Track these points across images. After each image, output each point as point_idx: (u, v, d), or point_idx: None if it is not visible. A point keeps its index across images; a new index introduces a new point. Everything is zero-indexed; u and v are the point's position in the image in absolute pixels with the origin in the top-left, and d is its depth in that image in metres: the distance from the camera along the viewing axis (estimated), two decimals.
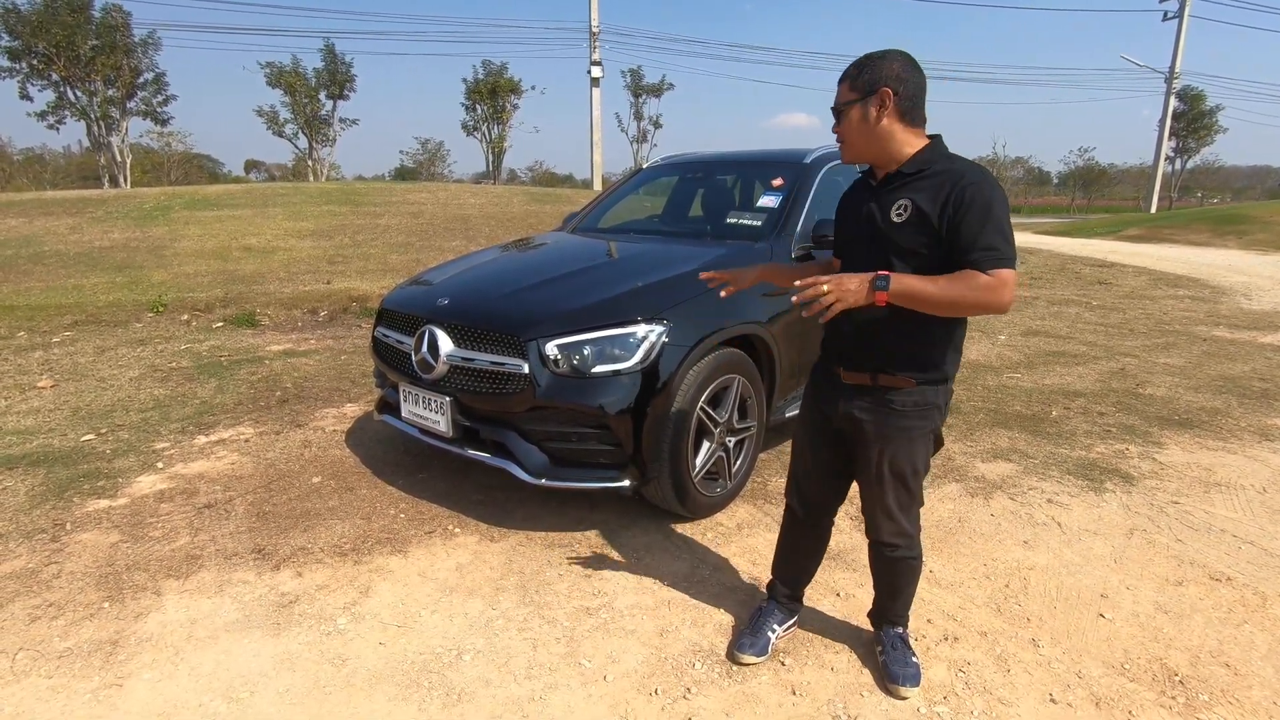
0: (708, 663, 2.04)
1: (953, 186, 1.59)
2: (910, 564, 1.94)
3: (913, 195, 1.64)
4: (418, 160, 48.88)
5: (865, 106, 1.66)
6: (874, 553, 1.98)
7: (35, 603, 2.29)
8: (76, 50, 23.99)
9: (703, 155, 4.49)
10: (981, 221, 1.55)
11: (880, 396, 1.76)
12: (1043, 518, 2.95)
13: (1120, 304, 8.52)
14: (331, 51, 31.09)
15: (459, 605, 2.30)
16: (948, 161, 1.66)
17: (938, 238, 1.61)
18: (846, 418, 1.82)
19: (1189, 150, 42.25)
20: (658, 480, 2.64)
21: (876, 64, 1.65)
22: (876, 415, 1.77)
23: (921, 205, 1.62)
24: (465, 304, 2.87)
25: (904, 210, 1.65)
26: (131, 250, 9.15)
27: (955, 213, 1.57)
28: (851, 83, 1.68)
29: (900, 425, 1.76)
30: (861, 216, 1.76)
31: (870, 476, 1.84)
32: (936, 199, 1.60)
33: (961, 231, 1.57)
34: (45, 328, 6.10)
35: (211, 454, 3.51)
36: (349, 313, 6.99)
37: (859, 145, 1.72)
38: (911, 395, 1.75)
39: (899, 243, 1.65)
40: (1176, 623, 2.25)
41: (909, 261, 1.64)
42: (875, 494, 1.85)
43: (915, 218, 1.63)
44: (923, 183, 1.65)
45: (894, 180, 1.70)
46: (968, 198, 1.57)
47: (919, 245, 1.63)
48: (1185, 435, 3.95)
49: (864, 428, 1.79)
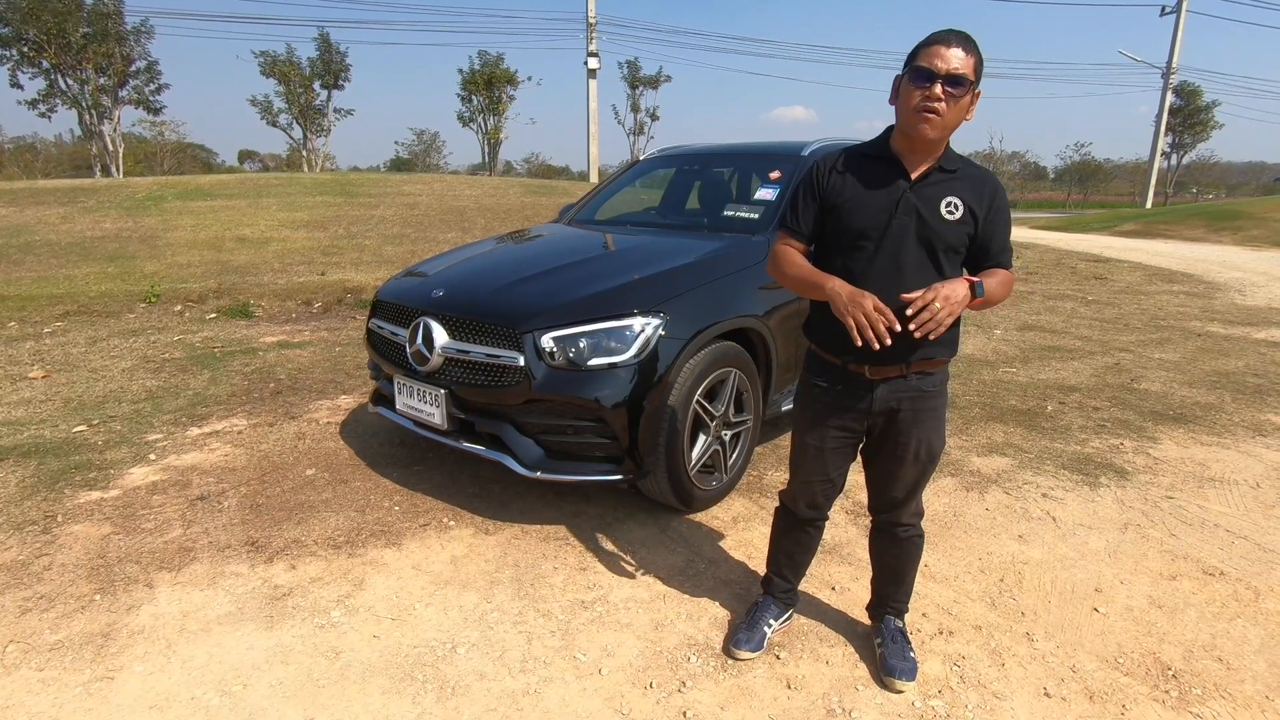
0: (703, 656, 2.04)
1: (992, 191, 1.69)
2: (918, 543, 1.99)
3: (959, 195, 1.66)
4: (413, 151, 48.61)
5: (973, 95, 1.60)
6: (884, 536, 1.98)
7: (26, 595, 2.27)
8: (68, 38, 23.70)
9: (700, 147, 4.47)
10: (1008, 225, 1.73)
11: (913, 384, 1.75)
12: (1038, 512, 2.95)
13: (1115, 299, 8.54)
14: (326, 40, 30.82)
15: (454, 598, 2.30)
16: (969, 164, 1.72)
17: (973, 237, 1.69)
18: (882, 414, 1.78)
19: (1185, 146, 42.30)
20: (654, 474, 2.63)
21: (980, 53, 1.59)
22: (910, 402, 1.76)
23: (970, 205, 1.66)
24: (460, 296, 2.85)
25: (955, 209, 1.66)
26: (124, 240, 9.08)
27: (993, 215, 1.69)
28: (978, 62, 1.57)
29: (930, 406, 1.78)
30: (895, 207, 1.65)
31: (905, 463, 1.82)
32: (980, 200, 1.67)
33: (995, 233, 1.70)
34: (36, 318, 6.05)
35: (204, 446, 3.49)
36: (343, 304, 6.95)
37: (950, 127, 1.61)
38: (940, 374, 1.78)
39: (948, 240, 1.66)
40: (1170, 617, 2.26)
41: (951, 258, 1.68)
42: (906, 478, 1.85)
43: (966, 217, 1.66)
44: (960, 183, 1.67)
45: (935, 176, 1.67)
46: (1001, 202, 1.70)
47: (962, 243, 1.69)
48: (1179, 430, 3.96)
49: (899, 418, 1.78)
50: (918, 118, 1.58)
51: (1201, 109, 39.82)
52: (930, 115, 1.56)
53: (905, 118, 1.62)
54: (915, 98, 1.57)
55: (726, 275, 2.95)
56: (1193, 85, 39.06)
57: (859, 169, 1.73)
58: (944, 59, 1.54)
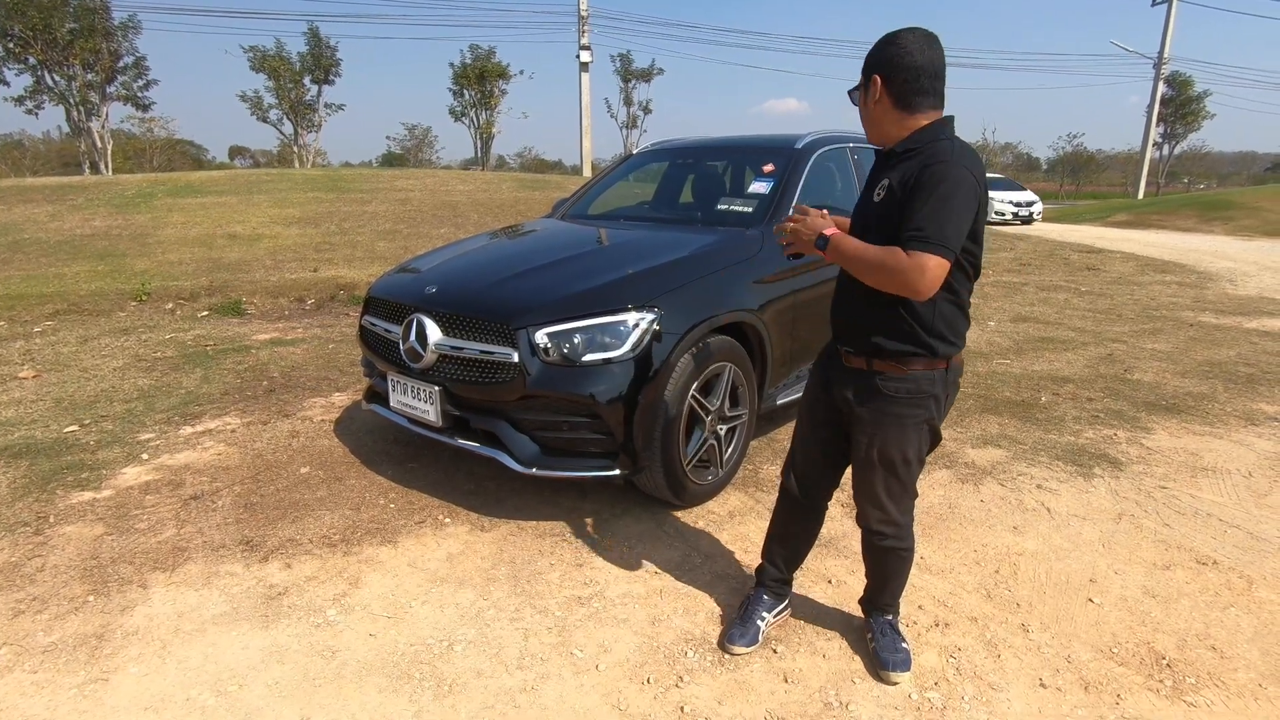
0: (700, 651, 2.04)
1: (921, 167, 1.57)
2: (899, 554, 1.93)
3: (891, 175, 1.66)
4: (405, 146, 48.36)
5: (865, 91, 1.71)
6: (864, 541, 1.98)
7: (18, 596, 2.26)
8: (54, 33, 23.44)
9: (693, 141, 4.45)
10: (923, 202, 1.52)
11: (873, 381, 1.75)
12: (1032, 503, 2.97)
13: (1108, 290, 8.57)
14: (316, 35, 30.58)
15: (450, 596, 2.29)
16: (935, 144, 1.61)
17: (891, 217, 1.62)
18: (843, 400, 1.82)
19: (1177, 136, 42.44)
20: (649, 469, 2.63)
21: (877, 49, 1.68)
22: (869, 400, 1.77)
23: (893, 184, 1.64)
24: (454, 292, 2.84)
25: (882, 190, 1.67)
26: (113, 238, 9.00)
27: (909, 191, 1.57)
28: (863, 67, 1.72)
29: (892, 411, 1.75)
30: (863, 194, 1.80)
31: (860, 462, 1.83)
32: (905, 179, 1.60)
33: (904, 209, 1.56)
34: (26, 317, 6.00)
35: (198, 445, 3.47)
36: (336, 301, 6.92)
37: (866, 126, 1.76)
38: (904, 382, 1.73)
39: (871, 221, 1.70)
40: (1164, 606, 2.27)
41: (879, 239, 1.63)
42: (865, 480, 1.85)
43: (889, 197, 1.65)
44: (905, 163, 1.64)
45: (887, 160, 1.71)
46: (925, 177, 1.54)
47: (889, 224, 1.61)
48: (1172, 420, 3.98)
49: (856, 412, 1.79)
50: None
51: (1193, 99, 39.92)
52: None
53: None
54: None
55: (721, 269, 2.94)
56: (1184, 75, 39.17)
57: None
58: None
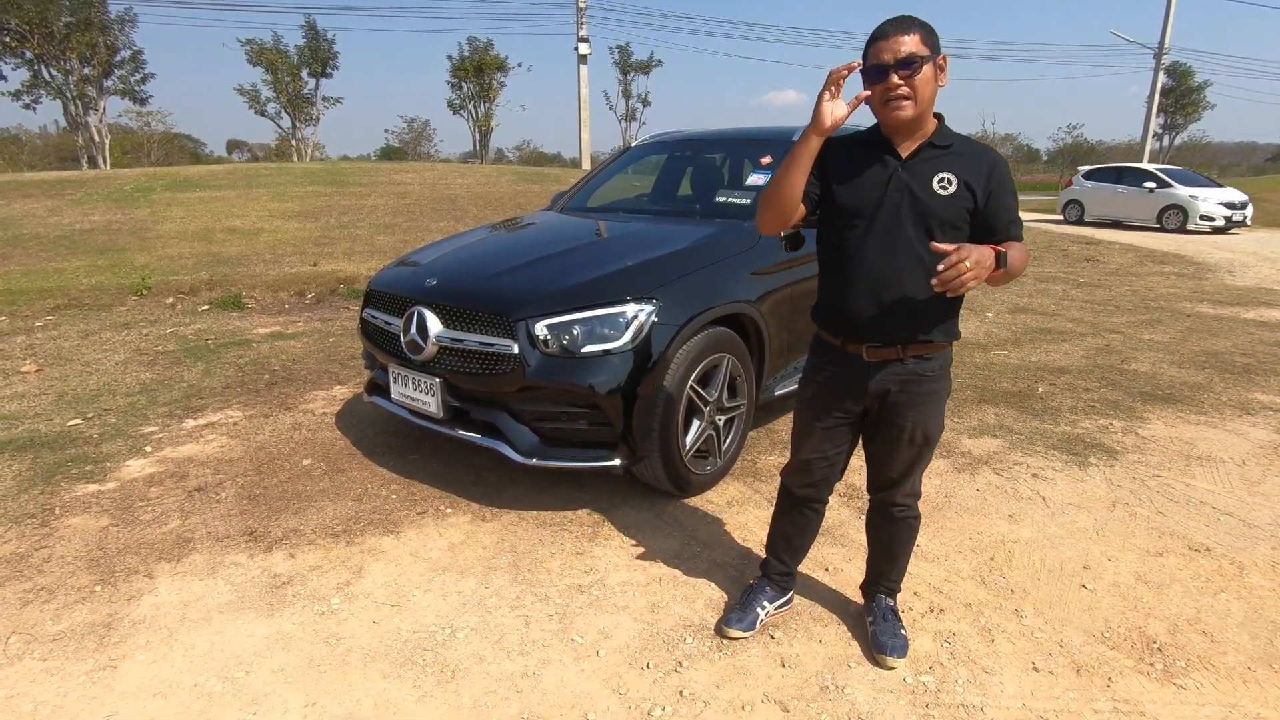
0: (698, 637, 2.07)
1: (991, 164, 1.68)
2: (913, 524, 2.01)
3: (953, 170, 1.67)
4: (404, 140, 48.20)
5: (935, 65, 1.62)
6: (879, 516, 2.01)
7: (26, 587, 2.29)
8: (50, 27, 23.33)
9: (691, 133, 4.46)
10: (1013, 196, 1.71)
11: (910, 367, 1.77)
12: (1028, 492, 3.00)
13: (1107, 281, 8.59)
14: (313, 27, 30.41)
15: (452, 584, 2.32)
16: (965, 140, 1.72)
17: (974, 211, 1.68)
18: (876, 395, 1.81)
19: (1177, 127, 42.28)
20: (648, 459, 2.66)
21: (932, 30, 1.63)
22: (908, 386, 1.78)
23: (966, 179, 1.66)
24: (454, 284, 2.86)
25: (949, 183, 1.66)
26: (113, 232, 9.01)
27: (995, 188, 1.67)
28: (923, 36, 1.59)
29: (929, 390, 1.79)
30: (886, 185, 1.68)
31: (900, 444, 1.84)
32: (977, 175, 1.66)
33: (1001, 206, 1.68)
34: (27, 311, 6.02)
35: (200, 437, 3.50)
36: (336, 294, 6.94)
37: (925, 103, 1.62)
38: (937, 359, 1.79)
39: (942, 215, 1.67)
40: (1156, 592, 2.30)
41: (950, 234, 1.67)
42: (901, 460, 1.87)
43: (962, 191, 1.66)
44: (955, 158, 1.68)
45: (926, 152, 1.69)
46: (1002, 174, 1.69)
47: (960, 218, 1.67)
48: (1168, 410, 4.01)
49: (895, 400, 1.79)
50: (887, 108, 1.64)
51: (1193, 89, 39.74)
52: (898, 102, 1.61)
53: (878, 111, 1.69)
54: (877, 93, 1.64)
55: (719, 261, 2.96)
56: (1185, 65, 39.01)
57: (855, 152, 1.77)
58: (888, 50, 1.59)
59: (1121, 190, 16.21)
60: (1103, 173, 17.27)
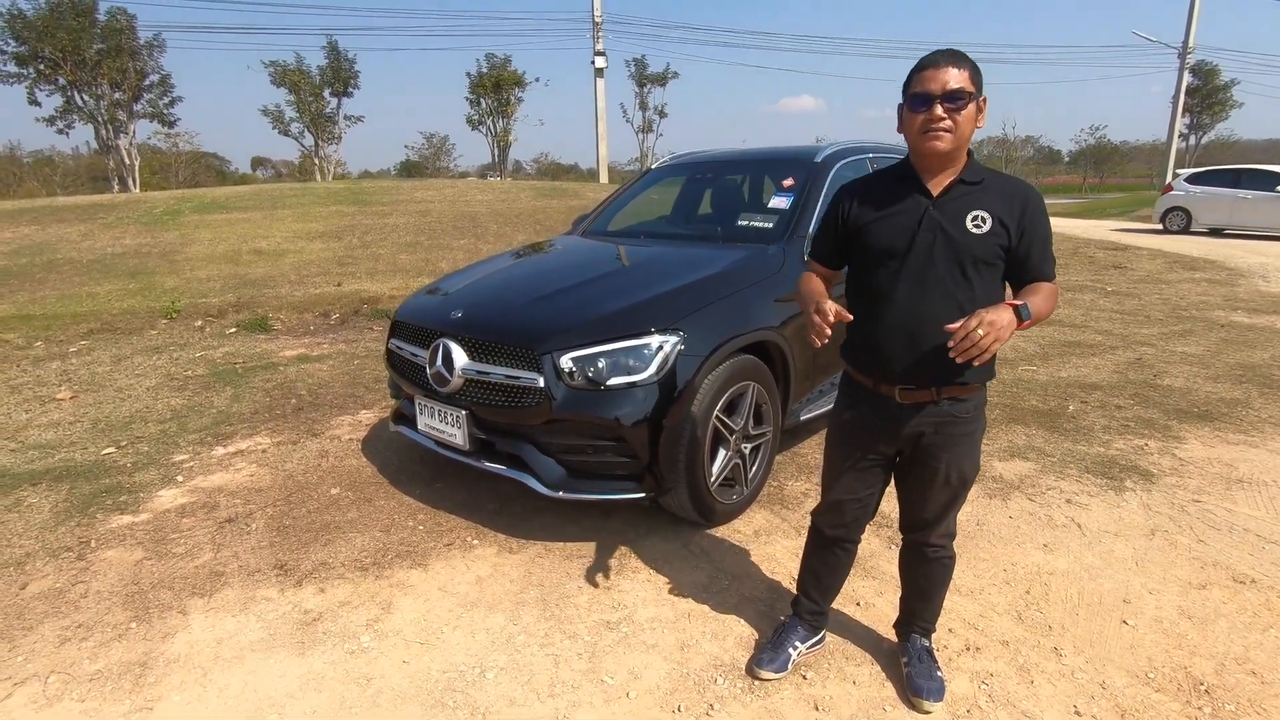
0: (730, 677, 2.04)
1: (1024, 200, 1.65)
2: (947, 564, 1.96)
3: (985, 207, 1.63)
4: (423, 155, 48.83)
5: (977, 105, 1.60)
6: (913, 555, 1.97)
7: (64, 624, 2.32)
8: (82, 54, 24.04)
9: (711, 154, 4.46)
10: (1047, 233, 1.68)
11: (945, 409, 1.73)
12: (1062, 519, 2.93)
13: (1135, 289, 8.42)
14: (335, 48, 31.03)
15: (480, 620, 2.32)
16: (995, 174, 1.69)
17: (1008, 249, 1.65)
18: (909, 437, 1.77)
19: (1204, 126, 41.54)
20: (674, 490, 2.64)
21: (977, 68, 1.61)
22: (942, 428, 1.74)
23: (1000, 216, 1.63)
24: (479, 316, 2.87)
25: (982, 221, 1.63)
26: (143, 256, 9.21)
27: (1028, 224, 1.64)
28: (972, 73, 1.58)
29: (965, 431, 1.76)
30: (918, 224, 1.65)
31: (935, 486, 1.80)
32: (1010, 212, 1.63)
33: (1034, 244, 1.65)
34: (62, 337, 6.17)
35: (230, 466, 3.54)
36: (360, 315, 7.02)
37: (963, 140, 1.61)
38: (972, 400, 1.75)
39: (976, 253, 1.63)
40: (1200, 628, 2.24)
41: (985, 272, 1.64)
42: (936, 502, 1.83)
43: (996, 229, 1.63)
44: (987, 195, 1.65)
45: (957, 189, 1.66)
46: (1036, 210, 1.65)
47: (994, 256, 1.64)
48: (1205, 429, 3.91)
49: (929, 442, 1.76)
50: (925, 138, 1.61)
51: (1220, 88, 39.07)
52: (938, 134, 1.59)
53: (914, 141, 1.65)
54: (918, 121, 1.61)
55: (743, 288, 2.95)
56: (1210, 64, 38.34)
57: (880, 192, 1.74)
58: (937, 80, 1.57)
59: (1245, 195, 14.36)
60: (1213, 176, 15.36)
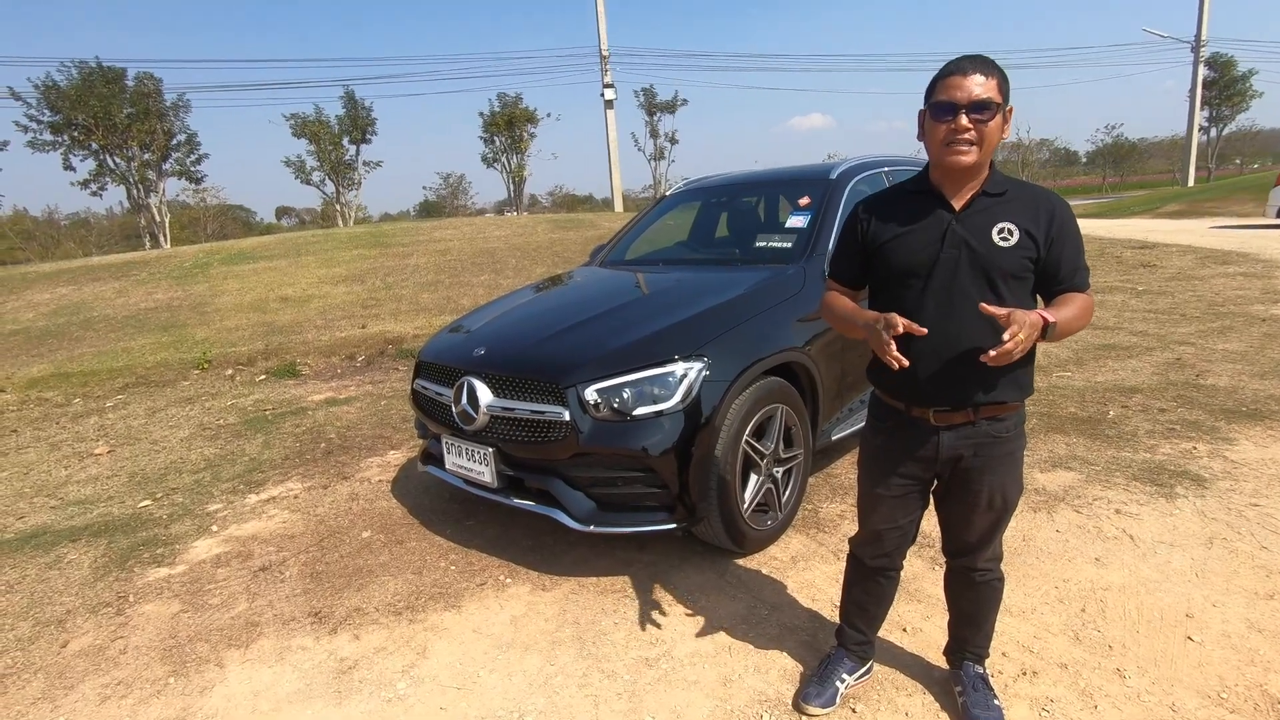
0: (775, 713, 1.97)
1: (1050, 210, 1.59)
2: (996, 587, 1.88)
3: (1011, 218, 1.58)
4: (440, 195, 49.84)
5: (1003, 115, 1.55)
6: (959, 580, 1.89)
7: (104, 681, 2.33)
8: (113, 119, 25.04)
9: (725, 177, 4.46)
10: (1077, 243, 1.62)
11: (983, 429, 1.66)
12: (1113, 531, 2.81)
13: (1168, 287, 8.21)
14: (352, 98, 31.94)
15: (516, 662, 2.27)
16: (1019, 184, 1.64)
17: (1037, 260, 1.59)
18: (948, 461, 1.70)
19: (1223, 118, 40.92)
20: (707, 519, 2.59)
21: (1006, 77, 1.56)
22: (981, 450, 1.67)
23: (1026, 228, 1.57)
24: (501, 353, 2.87)
25: (1009, 234, 1.57)
26: (175, 309, 9.45)
27: (1057, 234, 1.58)
28: (1000, 82, 1.52)
29: (1006, 451, 1.69)
30: (941, 240, 1.60)
31: (978, 510, 1.73)
32: (1037, 222, 1.57)
33: (1065, 255, 1.60)
34: (99, 392, 6.31)
35: (263, 513, 3.56)
36: (385, 355, 7.09)
37: (988, 152, 1.56)
38: (1013, 417, 1.68)
39: (1005, 266, 1.57)
40: (1273, 642, 2.11)
41: (1014, 286, 1.58)
42: (980, 525, 1.76)
43: (1024, 241, 1.57)
44: (1011, 205, 1.59)
45: (980, 202, 1.60)
46: (1064, 219, 1.59)
47: (1023, 269, 1.58)
48: (1256, 428, 3.76)
49: (969, 466, 1.69)
50: (948, 150, 1.55)
51: (1237, 79, 38.52)
52: (962, 146, 1.53)
53: (936, 152, 1.59)
54: (941, 132, 1.54)
55: (764, 310, 2.92)
56: (1226, 56, 37.87)
57: (900, 207, 1.69)
58: (963, 88, 1.50)
59: None
60: None
